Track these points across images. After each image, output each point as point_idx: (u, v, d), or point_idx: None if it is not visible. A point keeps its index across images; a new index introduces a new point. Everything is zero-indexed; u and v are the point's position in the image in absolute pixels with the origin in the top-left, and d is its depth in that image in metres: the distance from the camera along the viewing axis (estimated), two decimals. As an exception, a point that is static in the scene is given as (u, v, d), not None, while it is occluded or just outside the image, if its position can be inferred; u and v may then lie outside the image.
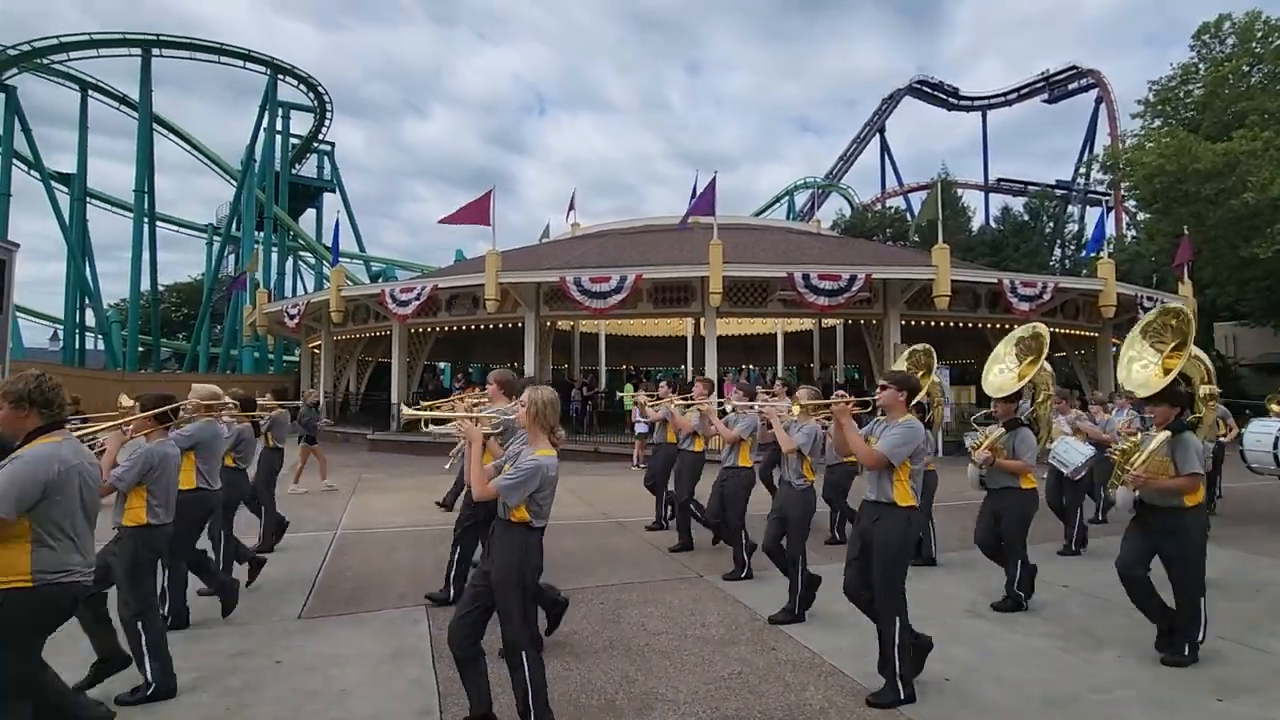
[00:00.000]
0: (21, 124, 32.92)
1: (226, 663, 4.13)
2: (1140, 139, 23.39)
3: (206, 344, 37.20)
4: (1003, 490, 5.27)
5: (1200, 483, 4.09)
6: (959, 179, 43.33)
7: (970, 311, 17.01)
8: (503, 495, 3.14)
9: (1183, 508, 4.11)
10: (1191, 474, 4.05)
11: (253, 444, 6.08)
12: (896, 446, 3.71)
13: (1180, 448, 4.11)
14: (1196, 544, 4.13)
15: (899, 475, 3.73)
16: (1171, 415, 4.20)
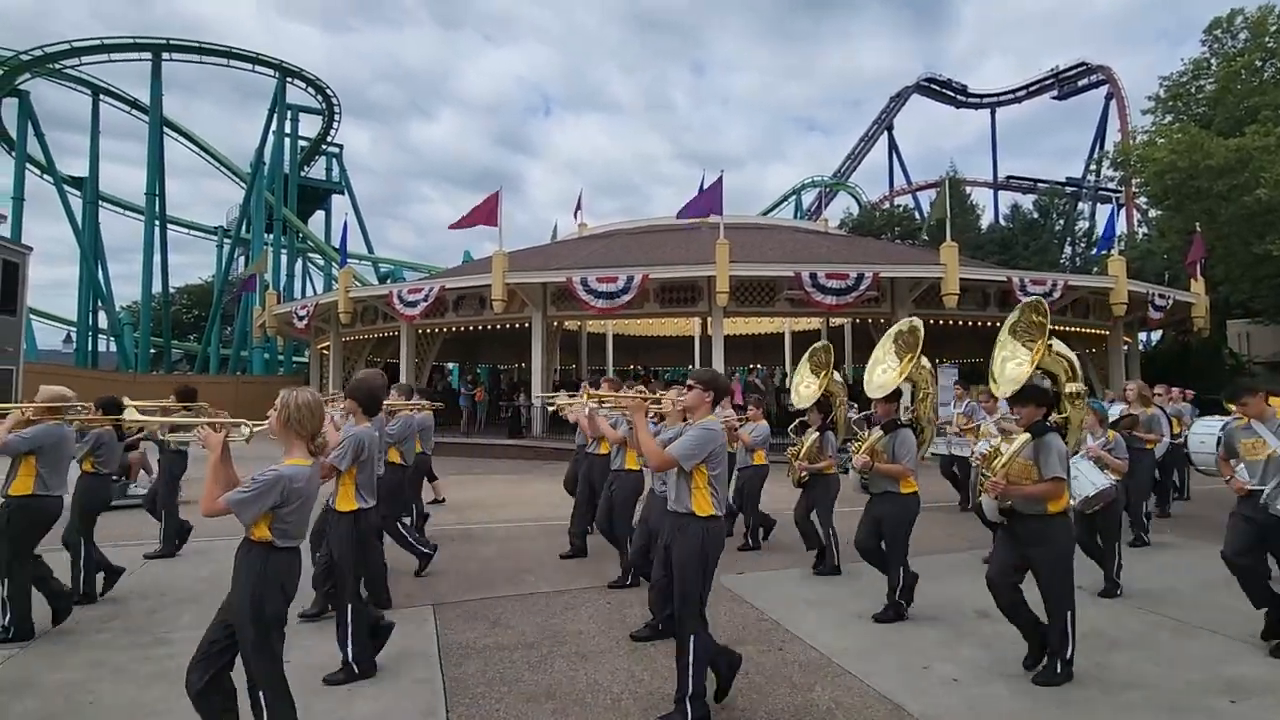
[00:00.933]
0: (35, 128, 33.30)
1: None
2: (1151, 135, 23.14)
3: (217, 345, 37.50)
4: (883, 495, 5.02)
5: (1064, 488, 3.86)
6: (968, 177, 43.12)
7: (979, 310, 16.91)
8: (234, 511, 2.70)
9: (1046, 515, 3.88)
10: (1054, 479, 3.81)
11: (114, 449, 5.63)
12: (689, 449, 3.38)
13: (1043, 451, 3.86)
14: (1062, 553, 3.90)
15: (696, 482, 3.43)
16: (1037, 416, 3.95)
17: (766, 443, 7.12)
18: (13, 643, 4.34)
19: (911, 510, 4.97)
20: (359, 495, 4.19)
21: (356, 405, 4.37)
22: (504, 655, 4.27)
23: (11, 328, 20.92)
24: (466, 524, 8.33)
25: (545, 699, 3.67)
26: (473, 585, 5.80)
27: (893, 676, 3.93)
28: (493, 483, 12.07)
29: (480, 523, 8.52)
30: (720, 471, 3.48)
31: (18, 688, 3.76)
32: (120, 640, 4.49)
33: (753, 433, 7.05)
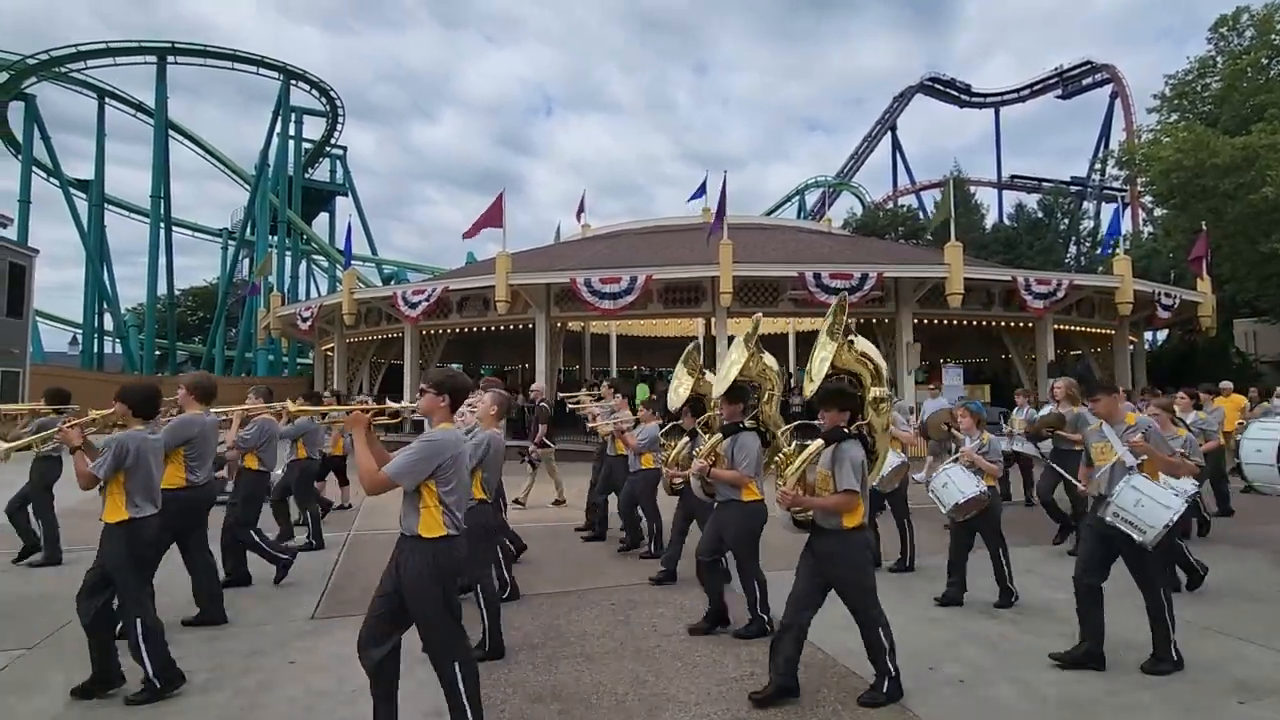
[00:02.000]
0: (41, 132, 33.48)
1: (242, 662, 4.16)
2: (1157, 134, 23.05)
3: (222, 347, 37.64)
4: (726, 503, 4.61)
5: (857, 501, 3.56)
6: (972, 176, 43.02)
7: (984, 310, 16.85)
8: None
9: (841, 530, 3.59)
10: (845, 491, 3.51)
11: None
12: (403, 467, 2.93)
13: (838, 460, 3.58)
14: (857, 571, 3.60)
15: (424, 501, 2.98)
16: (840, 421, 3.67)
17: (655, 446, 6.66)
18: None
19: (755, 519, 4.51)
20: (130, 504, 3.79)
21: (126, 409, 3.96)
22: (508, 657, 4.26)
23: (18, 330, 21.01)
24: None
25: (550, 700, 3.67)
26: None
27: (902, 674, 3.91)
28: (497, 484, 12.05)
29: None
30: (454, 486, 3.02)
31: (25, 688, 3.78)
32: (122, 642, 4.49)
33: (640, 435, 6.77)
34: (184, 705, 3.62)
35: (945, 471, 5.33)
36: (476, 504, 4.23)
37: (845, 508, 3.58)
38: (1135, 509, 3.91)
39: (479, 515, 4.22)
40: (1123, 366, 18.81)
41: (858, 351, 3.87)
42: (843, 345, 3.83)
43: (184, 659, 4.17)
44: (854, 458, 3.56)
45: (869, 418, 3.77)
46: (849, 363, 3.87)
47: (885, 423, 3.86)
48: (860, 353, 3.88)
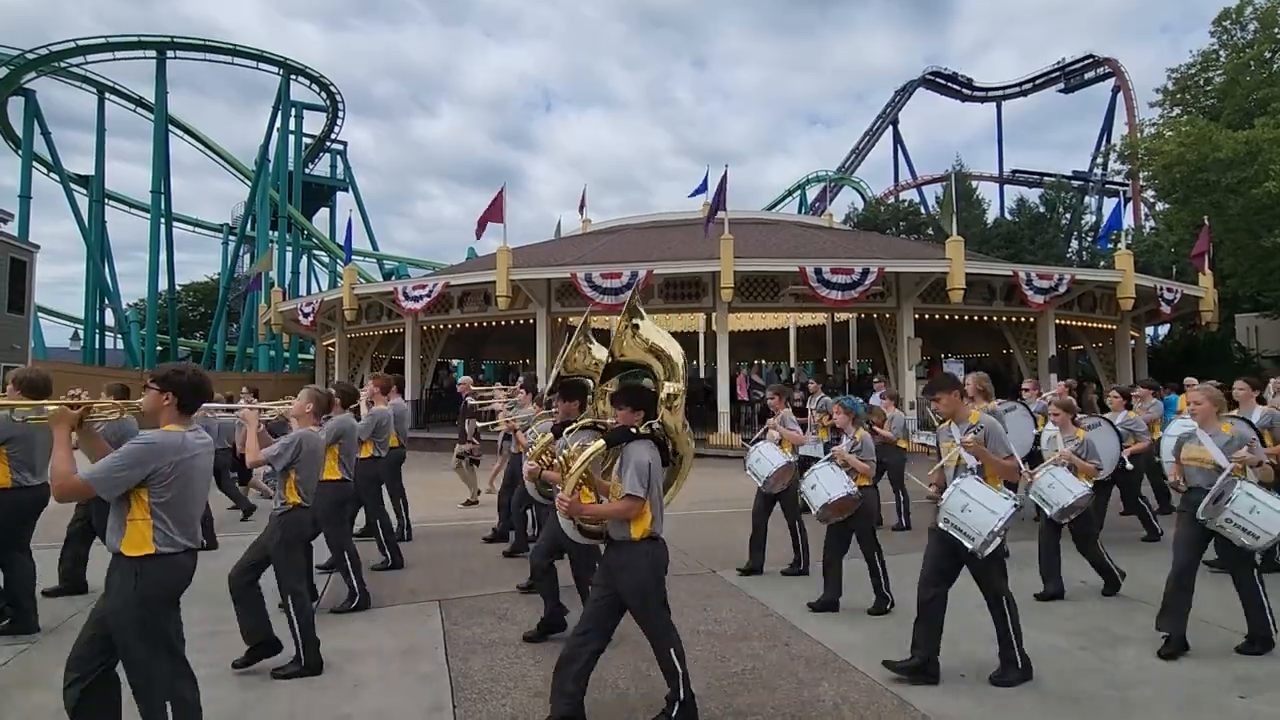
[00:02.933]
0: (41, 127, 33.40)
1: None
2: (1159, 128, 22.96)
3: (223, 342, 37.63)
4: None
5: (643, 507, 3.20)
6: (973, 171, 42.89)
7: (985, 305, 16.83)
8: None
9: (629, 540, 3.25)
10: (628, 497, 3.16)
11: None
12: (105, 470, 2.55)
13: (622, 464, 3.26)
14: (643, 584, 3.24)
15: (131, 512, 2.60)
16: (634, 420, 3.34)
17: None
18: None
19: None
20: None
21: None
22: (510, 651, 4.27)
23: (19, 326, 21.04)
24: (470, 520, 8.33)
25: (552, 694, 3.67)
26: (478, 581, 5.81)
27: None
28: (498, 479, 12.07)
29: (485, 519, 8.52)
30: (173, 498, 2.64)
31: (27, 683, 3.78)
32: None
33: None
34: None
35: (814, 472, 5.12)
36: (290, 509, 4.08)
37: (626, 515, 3.22)
38: (962, 514, 3.66)
39: (292, 522, 4.09)
40: (1124, 362, 18.79)
41: (645, 341, 3.45)
42: (624, 333, 3.40)
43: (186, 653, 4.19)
44: (639, 461, 3.21)
45: (662, 416, 3.42)
46: (634, 353, 3.47)
47: (678, 422, 3.51)
48: (648, 344, 3.46)
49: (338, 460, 5.11)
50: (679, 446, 3.60)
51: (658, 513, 3.31)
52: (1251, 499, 3.98)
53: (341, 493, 5.15)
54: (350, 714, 3.51)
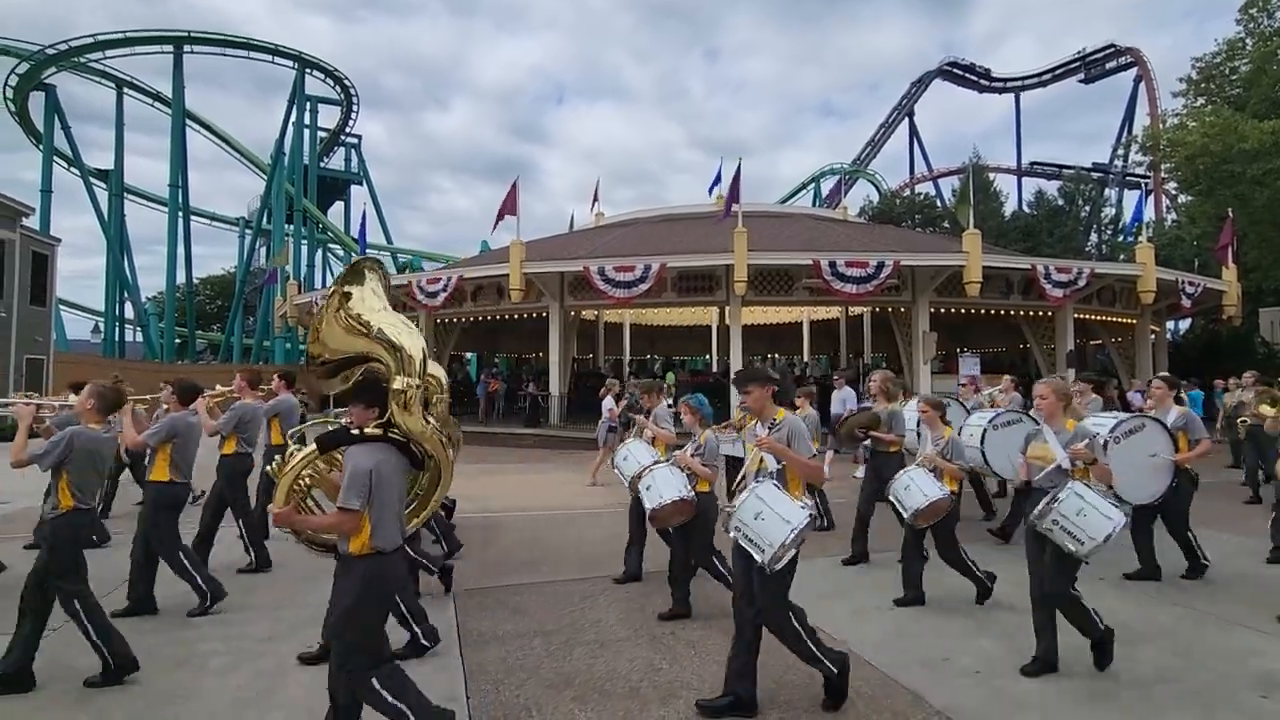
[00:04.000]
0: (61, 122, 33.86)
1: (258, 646, 4.21)
2: (1183, 118, 22.52)
3: (240, 335, 38.05)
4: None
5: (356, 521, 2.79)
6: (990, 163, 42.37)
7: (1002, 299, 16.64)
8: None
9: (347, 554, 2.86)
10: (341, 509, 2.79)
11: None
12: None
13: (343, 471, 2.90)
14: (350, 606, 2.79)
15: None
16: (369, 419, 2.97)
17: None
18: None
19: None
20: None
21: None
22: (523, 643, 4.29)
23: (42, 318, 21.36)
24: (486, 512, 8.37)
25: (564, 686, 3.68)
26: (492, 573, 5.84)
27: (913, 667, 3.90)
28: (510, 472, 12.13)
29: (499, 511, 8.57)
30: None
31: (48, 670, 3.84)
32: (146, 624, 4.56)
33: None
34: (202, 688, 3.68)
35: (652, 473, 4.80)
36: (62, 512, 3.76)
37: (340, 529, 2.86)
38: (755, 523, 3.27)
39: (64, 525, 3.76)
40: (1144, 356, 18.52)
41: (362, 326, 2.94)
42: (332, 314, 2.88)
43: (203, 642, 4.26)
44: (356, 468, 2.83)
45: (392, 416, 2.95)
46: (345, 342, 2.97)
47: (417, 423, 3.01)
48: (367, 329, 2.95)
49: (169, 461, 4.80)
50: (431, 449, 3.19)
51: (384, 526, 2.87)
52: (1080, 500, 3.67)
53: (168, 496, 4.79)
54: (365, 703, 3.53)
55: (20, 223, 20.09)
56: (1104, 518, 3.60)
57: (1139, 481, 5.49)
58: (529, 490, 10.19)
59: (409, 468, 3.09)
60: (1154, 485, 5.53)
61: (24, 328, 19.96)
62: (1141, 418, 5.76)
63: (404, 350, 2.94)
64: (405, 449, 3.00)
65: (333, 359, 3.07)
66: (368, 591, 2.82)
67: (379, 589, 2.86)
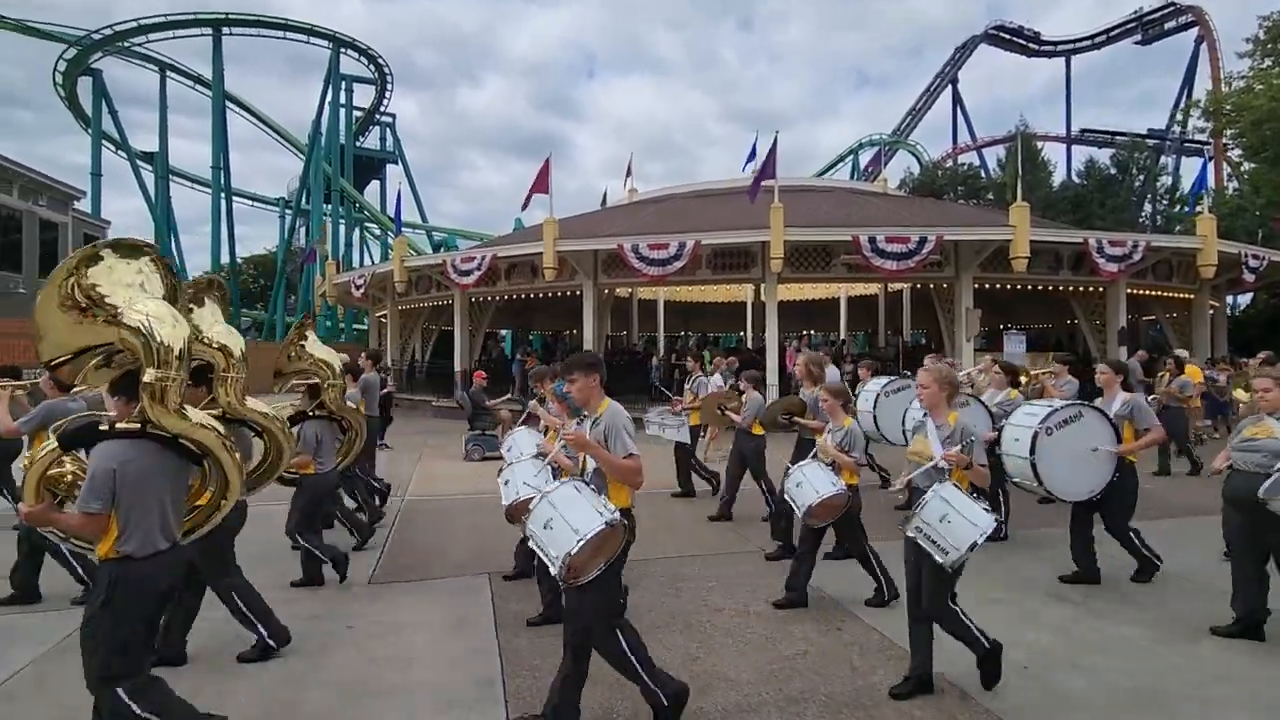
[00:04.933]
0: (108, 106, 34.70)
1: (302, 625, 4.26)
2: (1249, 81, 21.29)
3: (283, 313, 38.92)
4: None
5: (99, 525, 2.62)
6: (1038, 131, 40.69)
7: (1051, 274, 16.00)
8: None
9: (98, 559, 2.73)
10: (82, 514, 2.60)
11: None
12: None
13: None
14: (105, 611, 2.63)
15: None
16: (127, 414, 2.75)
17: None
18: None
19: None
20: None
21: None
22: (558, 628, 4.24)
23: (94, 299, 22.10)
24: (521, 492, 8.41)
25: (599, 676, 3.65)
26: (527, 554, 5.84)
27: (958, 662, 3.76)
28: (546, 450, 12.18)
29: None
30: None
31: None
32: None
33: None
34: (246, 667, 3.76)
35: (512, 467, 4.60)
36: None
37: (84, 533, 2.72)
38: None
39: None
40: (1203, 332, 17.70)
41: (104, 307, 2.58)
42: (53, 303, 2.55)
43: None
44: (95, 469, 2.63)
45: (147, 410, 2.64)
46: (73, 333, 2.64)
47: (175, 419, 2.69)
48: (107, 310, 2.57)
49: None
50: (206, 446, 2.86)
51: (137, 529, 2.68)
52: (945, 505, 3.31)
53: None
54: (401, 685, 3.57)
55: (72, 206, 20.71)
56: (969, 524, 3.23)
57: (1076, 476, 5.01)
58: (564, 469, 10.21)
59: (183, 465, 2.88)
60: (1093, 480, 5.01)
61: (78, 308, 20.72)
62: (1079, 406, 5.22)
63: (157, 340, 2.61)
64: (173, 445, 2.77)
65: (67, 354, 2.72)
66: (111, 598, 2.64)
67: (126, 596, 2.65)
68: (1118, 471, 5.01)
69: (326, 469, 5.11)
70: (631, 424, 3.22)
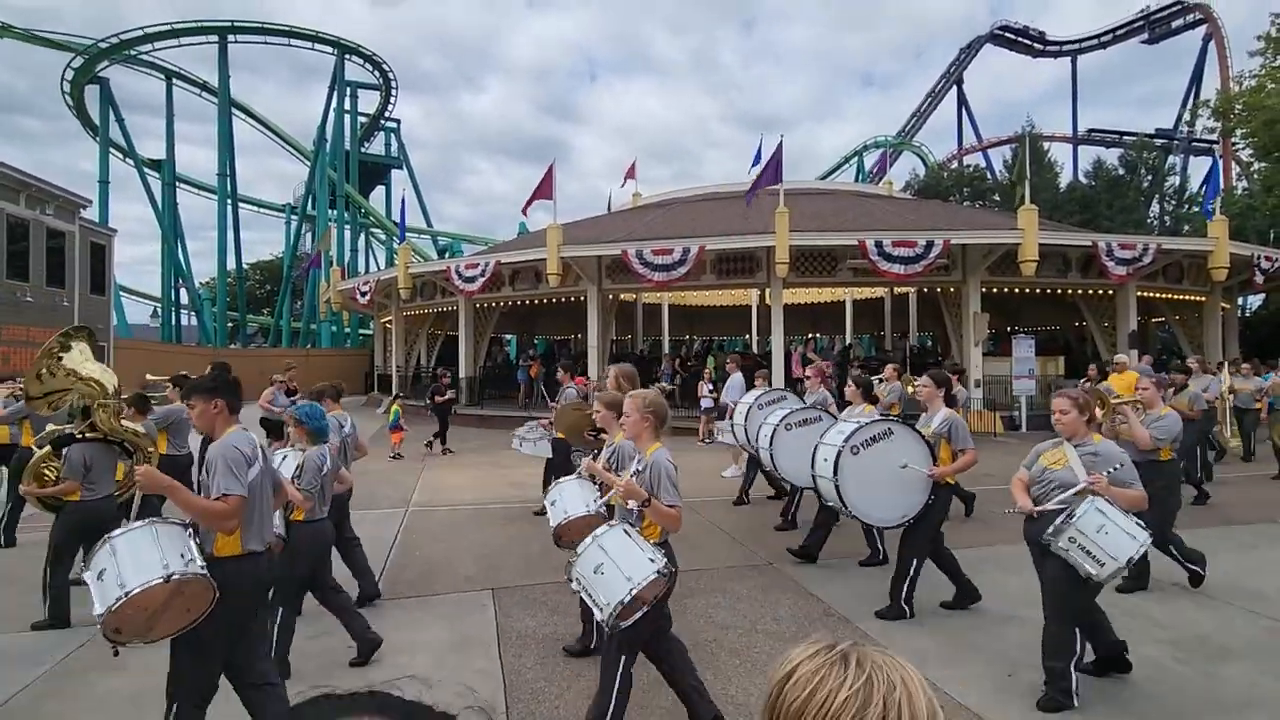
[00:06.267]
0: (115, 114, 34.84)
1: (306, 645, 4.19)
2: (1260, 79, 21.07)
3: (288, 319, 39.00)
4: None
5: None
6: (1044, 131, 40.45)
7: (1059, 277, 15.87)
8: None
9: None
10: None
11: None
12: None
13: None
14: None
15: None
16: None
17: None
18: None
19: None
20: None
21: None
22: (559, 645, 4.20)
23: (101, 307, 22.15)
24: (528, 502, 8.33)
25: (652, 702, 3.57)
26: (532, 569, 5.77)
27: (975, 684, 3.68)
28: (551, 458, 12.10)
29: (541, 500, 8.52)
30: None
31: (107, 666, 3.90)
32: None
33: None
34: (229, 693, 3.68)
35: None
36: None
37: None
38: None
39: None
40: (1213, 335, 17.52)
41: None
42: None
43: None
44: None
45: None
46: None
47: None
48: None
49: None
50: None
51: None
52: (602, 552, 2.90)
53: None
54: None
55: (79, 215, 20.77)
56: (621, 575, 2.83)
57: (886, 500, 4.56)
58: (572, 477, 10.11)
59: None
60: (905, 504, 4.55)
61: (85, 316, 20.72)
62: (888, 422, 4.79)
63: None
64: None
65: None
66: None
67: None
68: (933, 494, 4.58)
69: (98, 495, 4.66)
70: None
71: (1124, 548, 3.26)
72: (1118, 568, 3.27)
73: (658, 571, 2.82)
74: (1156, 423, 5.07)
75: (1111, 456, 3.53)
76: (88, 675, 3.87)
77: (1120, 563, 3.25)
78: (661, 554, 2.92)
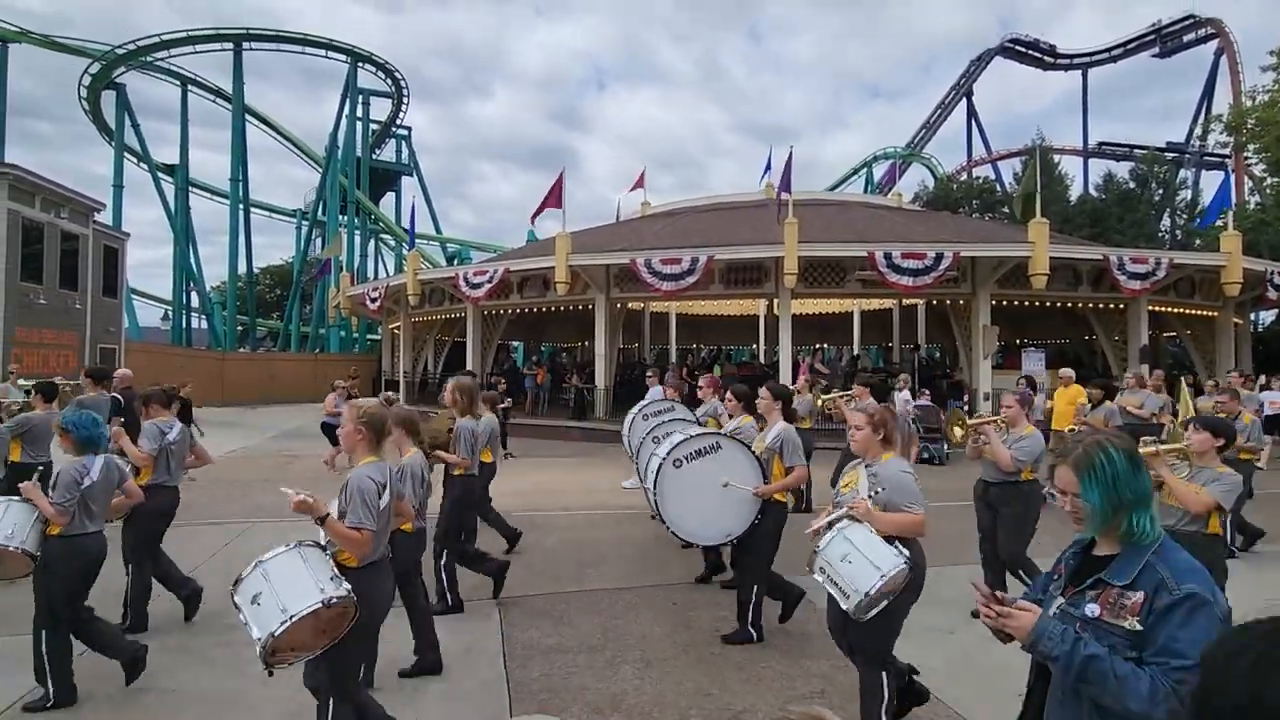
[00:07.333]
0: (130, 119, 35.24)
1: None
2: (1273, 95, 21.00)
3: (298, 323, 39.21)
4: None
5: None
6: (1055, 144, 40.39)
7: (1070, 290, 15.79)
8: None
9: None
10: None
11: None
12: None
13: None
14: None
15: None
16: None
17: None
18: None
19: None
20: None
21: None
22: (568, 659, 4.18)
23: (113, 309, 22.32)
24: (530, 510, 8.32)
25: (610, 710, 3.55)
26: (537, 579, 5.76)
27: (982, 705, 3.63)
28: (556, 467, 12.10)
29: (544, 509, 8.52)
30: None
31: (103, 676, 3.90)
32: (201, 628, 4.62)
33: None
34: (252, 699, 3.67)
35: None
36: None
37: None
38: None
39: None
40: (1225, 350, 17.36)
41: None
42: None
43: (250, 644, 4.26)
44: None
45: None
46: None
47: None
48: None
49: None
50: None
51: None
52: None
53: None
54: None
55: (92, 219, 20.96)
56: None
57: (710, 517, 4.34)
58: (573, 487, 10.11)
59: None
60: (731, 522, 4.34)
61: (97, 319, 20.88)
62: (717, 436, 4.59)
63: None
64: None
65: None
66: None
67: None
68: (761, 513, 4.37)
69: None
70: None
71: (864, 578, 2.86)
72: (860, 600, 2.85)
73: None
74: (1018, 443, 4.85)
75: (883, 478, 3.17)
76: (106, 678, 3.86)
77: (862, 595, 2.84)
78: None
